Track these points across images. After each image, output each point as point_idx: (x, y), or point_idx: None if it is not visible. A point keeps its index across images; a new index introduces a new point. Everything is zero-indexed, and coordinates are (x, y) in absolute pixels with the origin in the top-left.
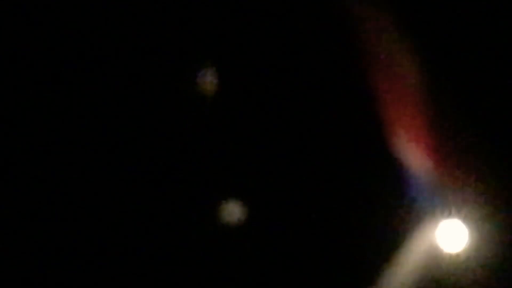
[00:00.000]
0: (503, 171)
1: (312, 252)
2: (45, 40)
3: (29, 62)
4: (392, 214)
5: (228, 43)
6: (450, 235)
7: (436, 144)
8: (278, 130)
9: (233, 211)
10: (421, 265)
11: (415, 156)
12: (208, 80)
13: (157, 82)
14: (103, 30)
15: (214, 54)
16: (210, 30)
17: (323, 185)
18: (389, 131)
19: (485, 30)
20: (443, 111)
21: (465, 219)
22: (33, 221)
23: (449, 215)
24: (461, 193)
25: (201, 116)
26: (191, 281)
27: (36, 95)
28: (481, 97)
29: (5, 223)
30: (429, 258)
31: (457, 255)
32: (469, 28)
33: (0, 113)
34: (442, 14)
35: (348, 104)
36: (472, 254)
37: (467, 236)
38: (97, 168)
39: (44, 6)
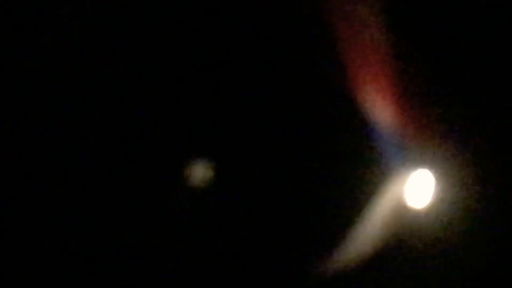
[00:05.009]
0: (472, 122)
1: (280, 207)
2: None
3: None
4: (359, 168)
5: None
6: (417, 189)
7: (404, 96)
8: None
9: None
10: (388, 220)
11: (382, 109)
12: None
13: None
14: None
15: None
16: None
17: (293, 141)
18: (354, 85)
19: None
20: (409, 62)
21: (432, 172)
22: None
23: (416, 168)
24: (429, 146)
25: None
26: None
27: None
28: (446, 44)
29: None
30: (396, 212)
31: (424, 209)
32: None
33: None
34: None
35: (316, 60)
36: (439, 208)
37: (434, 190)
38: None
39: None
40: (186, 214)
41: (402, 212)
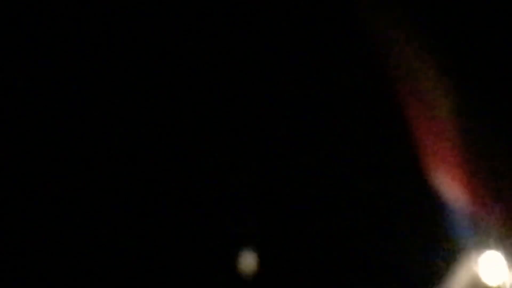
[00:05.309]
0: None
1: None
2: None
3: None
4: (431, 246)
5: None
6: (492, 268)
7: (476, 175)
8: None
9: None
10: None
11: (453, 187)
12: None
13: None
14: None
15: None
16: None
17: (360, 218)
18: (426, 164)
19: None
20: (481, 142)
21: (505, 253)
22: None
23: (490, 248)
24: (502, 224)
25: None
26: None
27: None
28: None
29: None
30: None
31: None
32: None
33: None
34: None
35: (383, 134)
36: None
37: (508, 270)
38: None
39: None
40: None
41: None
